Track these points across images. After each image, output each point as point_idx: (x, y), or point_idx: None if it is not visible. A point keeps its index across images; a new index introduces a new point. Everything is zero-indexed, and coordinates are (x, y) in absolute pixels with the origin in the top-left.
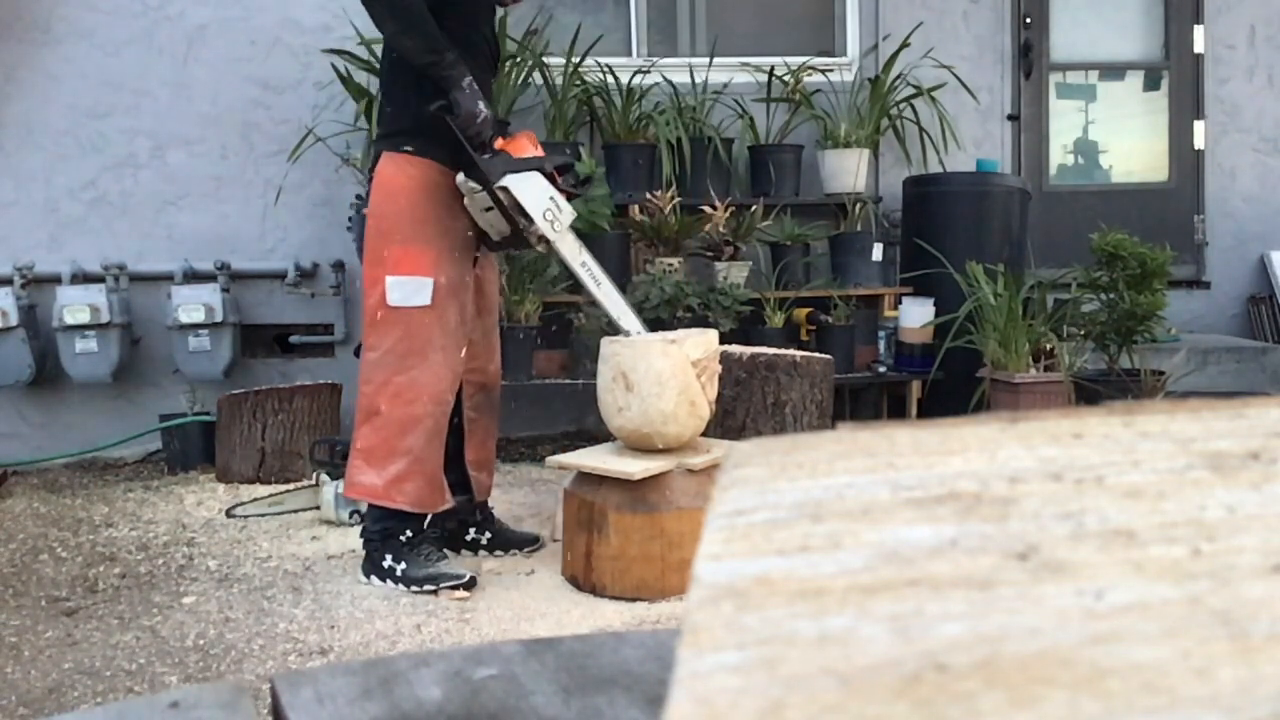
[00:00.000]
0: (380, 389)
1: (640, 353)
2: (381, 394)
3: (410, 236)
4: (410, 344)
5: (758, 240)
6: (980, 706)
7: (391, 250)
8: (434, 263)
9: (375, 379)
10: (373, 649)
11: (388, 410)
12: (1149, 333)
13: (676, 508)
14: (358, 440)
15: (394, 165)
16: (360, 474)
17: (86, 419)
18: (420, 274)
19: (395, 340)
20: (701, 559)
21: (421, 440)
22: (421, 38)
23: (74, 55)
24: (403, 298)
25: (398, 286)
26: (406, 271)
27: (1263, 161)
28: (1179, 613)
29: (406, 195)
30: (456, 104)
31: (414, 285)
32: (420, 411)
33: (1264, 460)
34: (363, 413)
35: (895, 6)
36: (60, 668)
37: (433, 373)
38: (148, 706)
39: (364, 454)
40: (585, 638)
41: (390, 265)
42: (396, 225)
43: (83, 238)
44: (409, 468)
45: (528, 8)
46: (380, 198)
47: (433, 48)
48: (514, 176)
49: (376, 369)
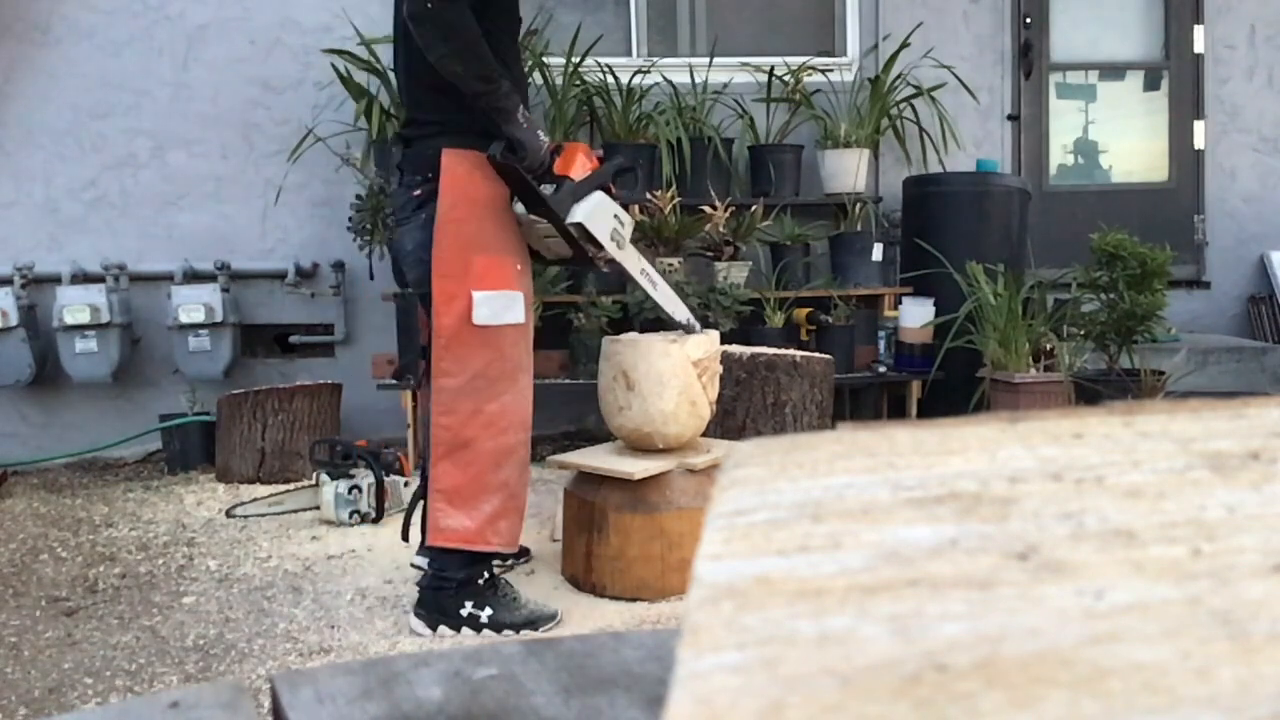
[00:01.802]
0: (469, 420)
1: (641, 352)
2: (471, 425)
3: (497, 246)
4: (502, 366)
5: (758, 240)
6: (980, 706)
7: (477, 261)
8: (519, 276)
9: (461, 409)
10: (373, 649)
11: (478, 443)
12: (1149, 333)
13: (676, 508)
14: (439, 480)
15: (469, 165)
16: (446, 518)
17: (86, 419)
18: (510, 288)
19: (485, 363)
20: (701, 559)
21: (515, 473)
22: (476, 64)
23: (74, 55)
24: (492, 314)
25: (486, 302)
26: (495, 286)
27: (1263, 161)
28: (1179, 613)
29: (487, 200)
30: (521, 144)
31: (504, 300)
32: (513, 441)
33: (1264, 460)
34: (444, 447)
35: (895, 6)
36: (60, 668)
37: (523, 397)
38: (148, 706)
39: (448, 495)
40: (585, 638)
41: (476, 279)
42: (481, 233)
43: (83, 238)
44: (504, 504)
45: (528, 7)
46: (458, 201)
47: (485, 75)
48: (583, 207)
49: (461, 397)
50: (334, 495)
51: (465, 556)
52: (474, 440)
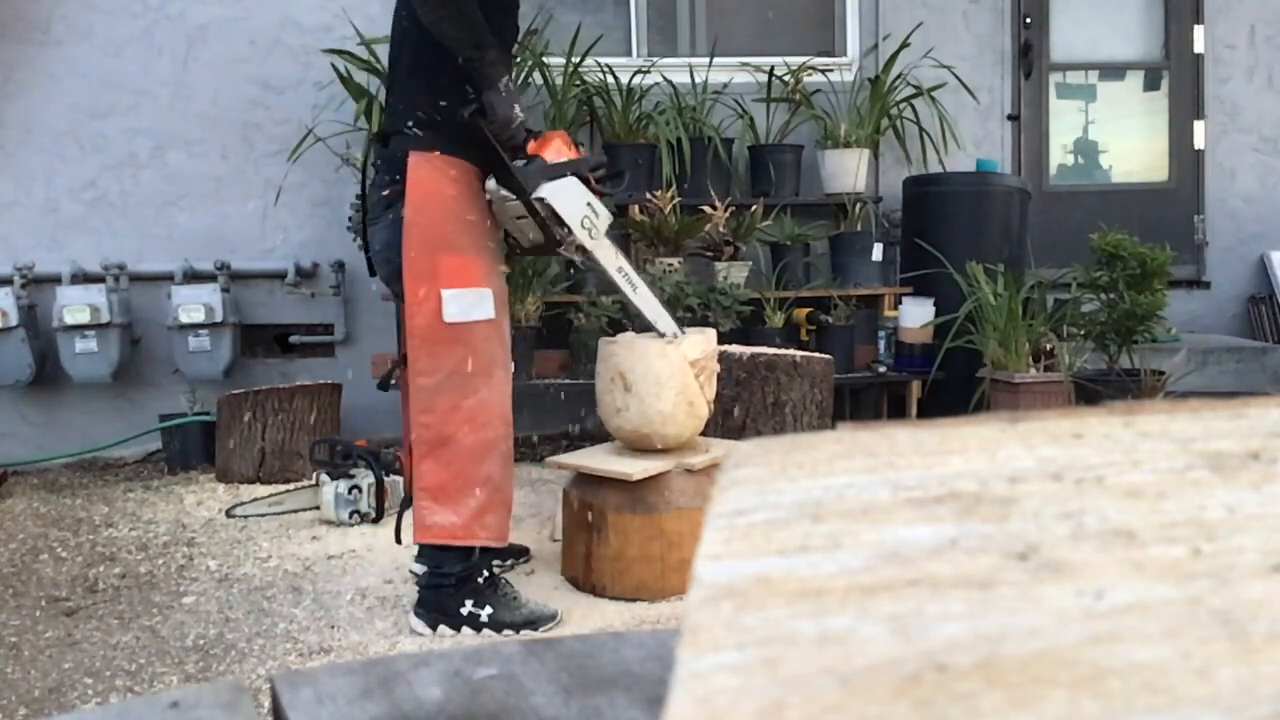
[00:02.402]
0: (448, 416)
1: (638, 353)
2: (450, 421)
3: (463, 245)
4: (476, 362)
5: (758, 240)
6: (980, 706)
7: (444, 261)
8: (487, 272)
9: (439, 406)
10: (372, 649)
11: (459, 439)
12: (1149, 333)
13: (676, 508)
14: (423, 478)
15: (431, 168)
16: (433, 515)
17: (86, 419)
18: (478, 285)
19: (459, 360)
20: (701, 559)
21: (498, 466)
22: (469, 29)
23: (74, 55)
24: (461, 312)
25: (455, 300)
26: (463, 284)
27: (1263, 161)
28: (1179, 613)
29: (453, 201)
30: (491, 107)
31: (473, 298)
32: (493, 435)
33: (1264, 460)
34: (425, 446)
35: (895, 6)
36: (60, 668)
37: (500, 391)
38: (148, 706)
39: (433, 492)
40: (585, 638)
41: (445, 278)
42: (445, 233)
43: (83, 238)
44: (489, 498)
45: (528, 7)
46: (424, 204)
47: (477, 42)
48: (551, 185)
49: (439, 395)
50: (334, 495)
51: (458, 552)
52: (454, 436)
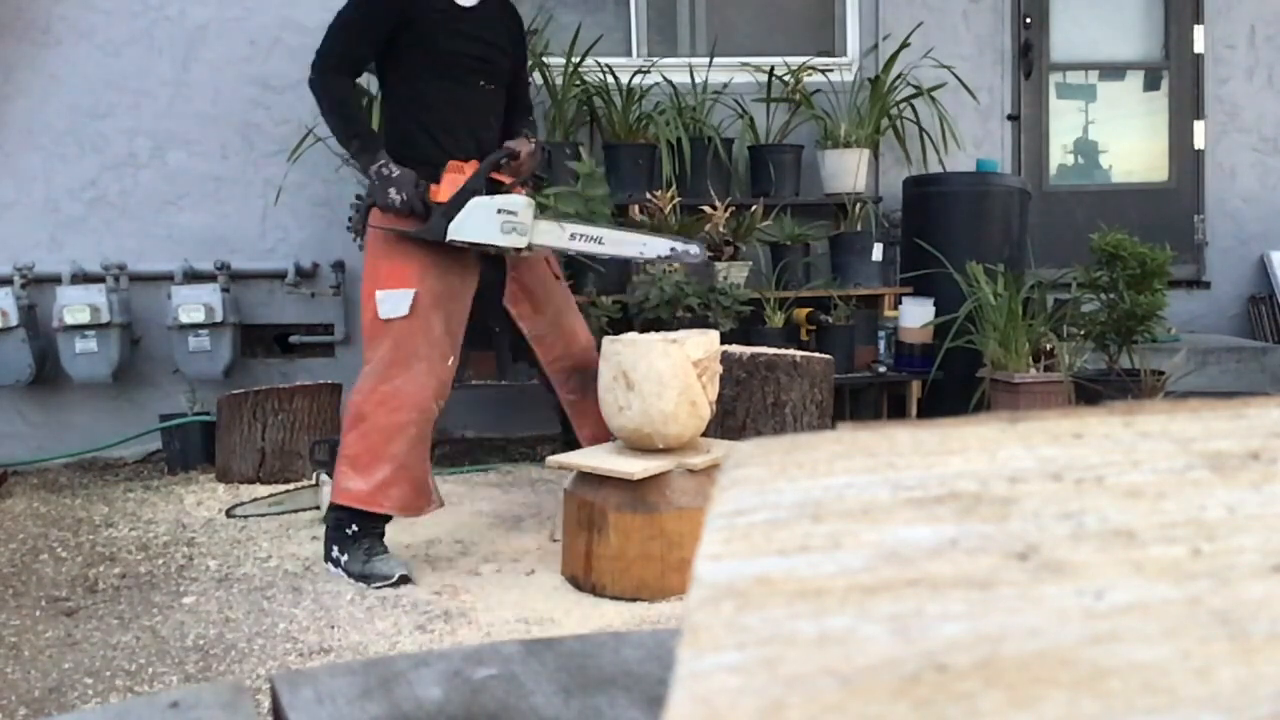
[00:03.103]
0: (368, 396)
1: (641, 352)
2: (369, 401)
3: (396, 251)
4: (396, 354)
5: (758, 240)
6: (980, 706)
7: (380, 265)
8: (417, 274)
9: (364, 388)
10: (373, 649)
11: (373, 418)
12: (1149, 333)
13: (676, 508)
14: (345, 447)
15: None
16: (347, 480)
17: (86, 419)
18: (403, 286)
19: (385, 351)
20: (701, 559)
21: (405, 447)
22: (341, 121)
23: (74, 55)
24: (389, 310)
25: (385, 300)
26: (391, 285)
27: (1263, 161)
28: (1179, 613)
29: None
30: (370, 192)
31: (397, 298)
32: (404, 419)
33: (1264, 460)
34: (350, 419)
35: (895, 6)
36: (60, 668)
37: (416, 382)
38: (148, 706)
39: (350, 460)
40: (585, 638)
41: (380, 280)
42: (387, 240)
43: (83, 238)
44: (394, 474)
45: (528, 8)
46: (375, 215)
47: (347, 134)
48: (454, 224)
49: (367, 378)
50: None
51: (360, 515)
52: (370, 415)
